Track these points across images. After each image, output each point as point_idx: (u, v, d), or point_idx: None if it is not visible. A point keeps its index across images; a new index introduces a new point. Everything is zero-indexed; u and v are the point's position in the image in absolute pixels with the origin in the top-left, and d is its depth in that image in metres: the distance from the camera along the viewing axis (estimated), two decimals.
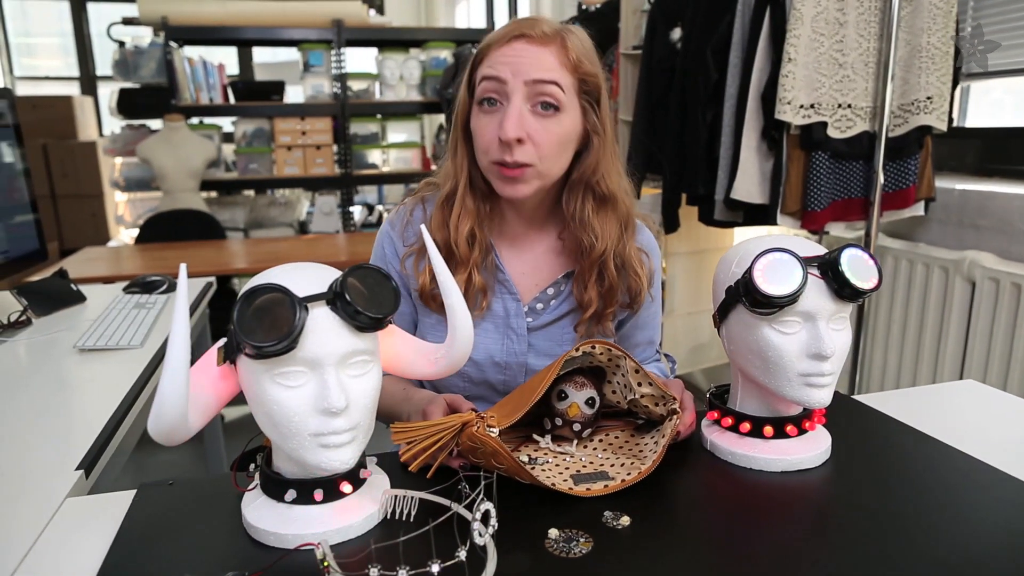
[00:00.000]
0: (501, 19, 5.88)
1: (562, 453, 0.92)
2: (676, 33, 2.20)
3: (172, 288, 1.87)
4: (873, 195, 1.85)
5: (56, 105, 6.12)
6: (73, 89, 6.99)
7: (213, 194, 4.38)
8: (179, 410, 0.63)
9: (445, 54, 4.39)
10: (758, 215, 1.94)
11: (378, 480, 0.81)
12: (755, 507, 0.81)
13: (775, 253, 0.80)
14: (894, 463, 0.89)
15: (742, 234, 2.77)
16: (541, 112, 0.94)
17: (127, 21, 4.15)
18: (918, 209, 1.94)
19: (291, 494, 0.74)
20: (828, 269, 0.81)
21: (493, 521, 0.67)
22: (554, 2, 3.98)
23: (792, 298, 0.80)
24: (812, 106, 1.78)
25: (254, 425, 0.74)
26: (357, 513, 0.75)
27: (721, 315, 0.89)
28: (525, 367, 1.07)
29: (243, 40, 4.60)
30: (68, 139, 5.91)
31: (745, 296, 0.82)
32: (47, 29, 7.08)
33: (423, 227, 0.80)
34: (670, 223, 2.24)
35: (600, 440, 0.95)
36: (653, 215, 2.41)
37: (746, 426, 0.90)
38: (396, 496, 0.76)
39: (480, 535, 0.65)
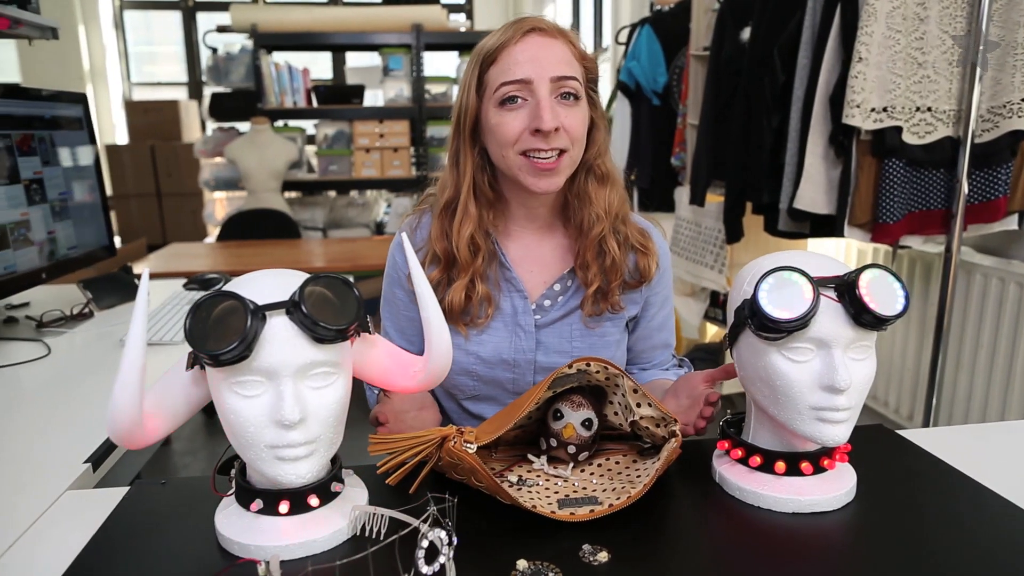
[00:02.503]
0: (587, 19, 5.82)
1: (556, 476, 0.87)
2: (746, 33, 2.08)
3: None
4: (955, 206, 1.68)
5: (164, 109, 6.55)
6: (182, 94, 7.45)
7: (296, 194, 4.55)
8: (130, 416, 0.63)
9: None
10: (825, 226, 1.81)
11: (354, 494, 0.79)
12: (756, 551, 0.73)
13: (783, 272, 0.73)
14: (929, 515, 0.78)
15: (815, 246, 2.61)
16: (564, 102, 0.96)
17: (221, 29, 4.36)
18: (1010, 223, 1.75)
19: (258, 504, 0.73)
20: (845, 292, 0.72)
21: (445, 549, 0.63)
22: (633, 2, 3.88)
23: (801, 322, 0.72)
24: (885, 109, 1.64)
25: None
26: (324, 528, 0.73)
27: (731, 338, 0.82)
28: (534, 365, 1.06)
29: (325, 45, 4.75)
30: (173, 141, 6.30)
31: (751, 319, 0.75)
32: (167, 38, 7.57)
33: (403, 235, 0.78)
34: (732, 232, 2.13)
35: (599, 465, 0.89)
36: (719, 225, 2.30)
37: (756, 460, 0.82)
38: (364, 513, 0.74)
39: (426, 564, 0.61)
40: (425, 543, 0.62)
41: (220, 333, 0.62)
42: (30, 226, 1.54)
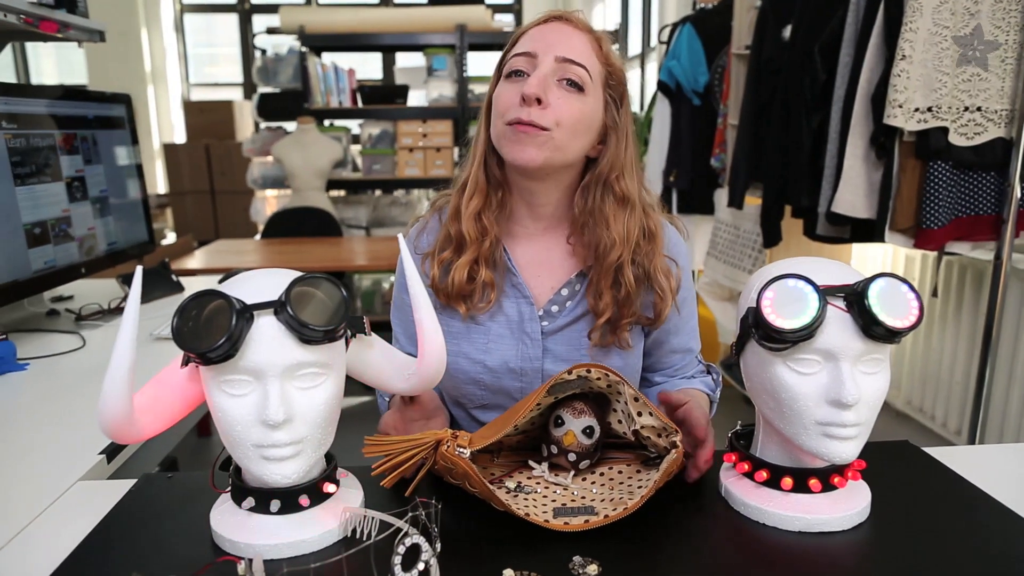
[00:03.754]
0: (635, 19, 5.75)
1: (556, 484, 0.85)
2: (788, 31, 2.02)
3: None
4: (1007, 211, 1.60)
5: (219, 109, 6.74)
6: (237, 94, 7.66)
7: (340, 193, 4.62)
8: (119, 410, 0.64)
9: None
10: (865, 231, 1.74)
11: (349, 495, 0.79)
12: (756, 570, 0.70)
13: (788, 280, 0.70)
14: (947, 541, 0.74)
15: (859, 252, 2.51)
16: (565, 87, 0.93)
17: (271, 31, 4.46)
18: None
19: (249, 502, 0.73)
20: (855, 302, 0.69)
21: (425, 555, 0.62)
22: (679, 1, 3.82)
23: (806, 333, 0.68)
24: (930, 109, 1.56)
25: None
26: (314, 528, 0.73)
27: (738, 348, 0.79)
28: (541, 373, 1.03)
29: (371, 46, 4.81)
30: (227, 140, 6.48)
31: (755, 328, 0.72)
32: (225, 39, 7.80)
33: (400, 236, 0.78)
34: (770, 236, 2.07)
35: (601, 474, 0.87)
36: (758, 228, 2.24)
37: (763, 475, 0.79)
38: (355, 515, 0.74)
39: (403, 570, 0.60)
40: (402, 548, 0.61)
41: (206, 332, 0.63)
42: (71, 222, 1.59)
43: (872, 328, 0.68)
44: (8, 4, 1.57)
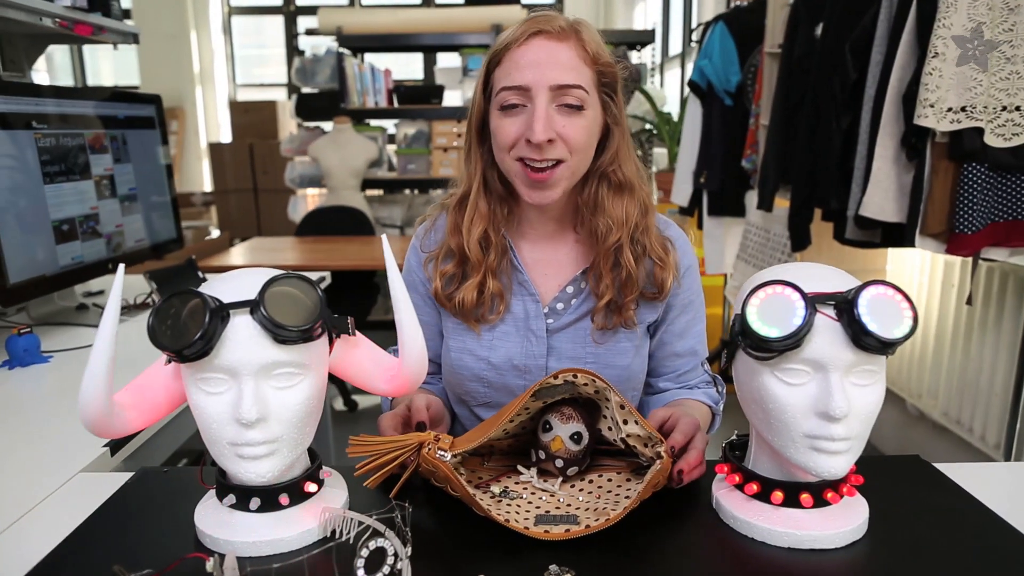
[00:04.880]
0: (676, 17, 5.67)
1: (543, 490, 0.84)
2: (821, 29, 1.96)
3: None
4: None
5: (263, 109, 6.88)
6: (282, 95, 7.81)
7: (376, 192, 4.67)
8: (97, 405, 0.65)
9: None
10: (895, 235, 1.68)
11: (332, 495, 0.79)
12: None
13: (774, 286, 0.67)
14: (947, 564, 0.70)
15: (896, 257, 2.43)
16: (566, 111, 0.92)
17: (309, 32, 4.53)
18: None
19: (230, 499, 0.74)
20: (845, 310, 0.66)
21: (390, 559, 0.62)
22: (717, 1, 3.75)
23: (792, 341, 0.66)
24: (964, 109, 1.49)
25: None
26: (294, 527, 0.73)
27: (728, 356, 0.76)
28: (545, 370, 1.03)
29: (407, 46, 4.85)
30: (270, 139, 6.62)
31: (741, 336, 0.70)
32: (273, 41, 7.97)
33: (384, 237, 0.77)
34: (798, 239, 2.01)
35: (590, 481, 0.86)
36: (787, 231, 2.18)
37: (753, 487, 0.76)
38: (333, 515, 0.74)
39: (366, 572, 0.60)
40: (366, 551, 0.60)
41: (181, 330, 0.64)
42: (99, 219, 1.64)
43: (862, 338, 0.65)
44: (43, 8, 1.62)
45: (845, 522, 0.73)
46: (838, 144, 1.78)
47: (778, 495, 0.75)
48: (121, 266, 0.67)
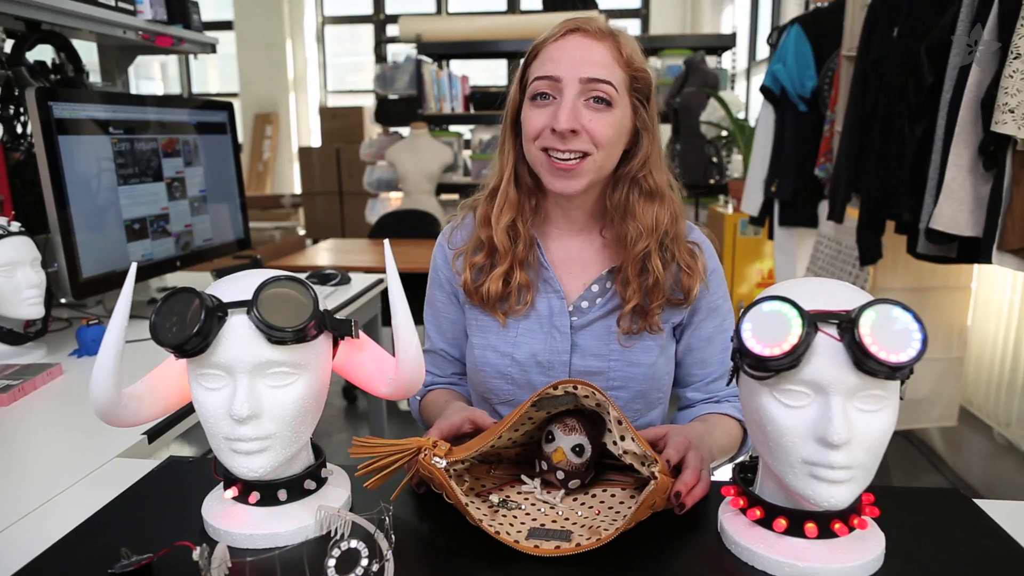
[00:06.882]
0: (764, 21, 5.48)
1: (544, 502, 0.83)
2: (897, 31, 1.85)
3: (344, 281, 2.06)
4: None
5: (351, 114, 7.13)
6: (370, 101, 8.07)
7: (452, 196, 4.74)
8: (106, 396, 0.69)
9: (680, 62, 4.23)
10: (972, 250, 1.56)
11: (333, 493, 0.81)
12: None
13: (771, 302, 0.64)
14: None
15: (985, 273, 2.26)
16: (594, 106, 0.94)
17: (391, 40, 4.66)
18: None
19: (233, 491, 0.76)
20: (848, 330, 0.62)
21: (363, 563, 0.62)
22: (800, 4, 3.61)
23: (788, 361, 0.62)
24: None
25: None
26: (290, 522, 0.75)
27: (733, 373, 0.73)
28: (569, 368, 1.04)
29: (486, 53, 4.90)
30: (356, 143, 6.85)
31: (739, 354, 0.67)
32: (364, 48, 8.25)
33: (386, 241, 0.79)
34: (867, 252, 1.90)
35: (593, 495, 0.84)
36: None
37: (756, 512, 0.72)
38: (327, 513, 0.75)
39: (337, 573, 0.61)
40: (337, 552, 0.61)
41: (179, 327, 0.66)
42: (169, 219, 1.74)
43: (865, 361, 0.60)
44: (126, 22, 1.74)
45: (854, 556, 0.69)
46: (911, 152, 1.67)
47: (781, 523, 0.71)
48: (133, 264, 0.71)
